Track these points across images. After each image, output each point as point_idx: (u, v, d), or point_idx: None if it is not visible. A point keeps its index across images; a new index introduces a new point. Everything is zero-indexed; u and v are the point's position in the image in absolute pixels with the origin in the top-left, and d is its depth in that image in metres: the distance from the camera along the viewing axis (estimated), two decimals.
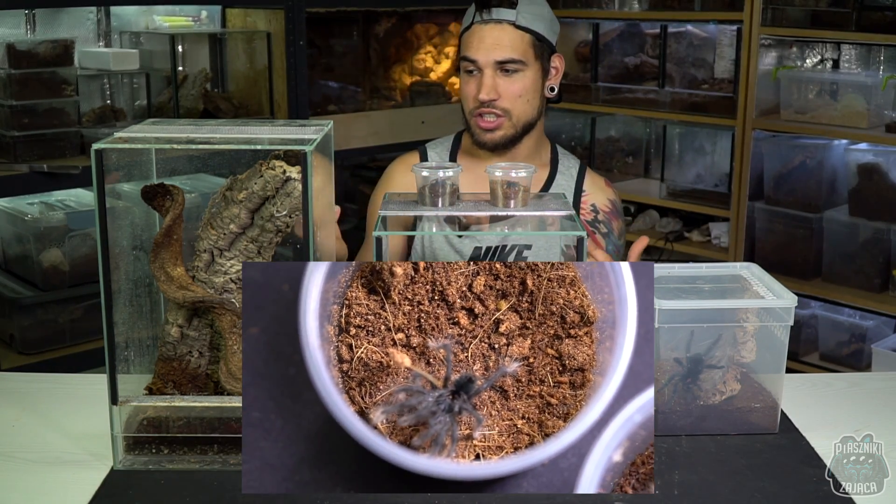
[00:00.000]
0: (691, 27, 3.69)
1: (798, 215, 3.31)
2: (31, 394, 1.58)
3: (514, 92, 1.89)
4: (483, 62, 1.88)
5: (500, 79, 1.88)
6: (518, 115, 1.91)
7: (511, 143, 1.94)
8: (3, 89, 2.77)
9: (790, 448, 1.40)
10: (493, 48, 1.87)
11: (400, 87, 3.89)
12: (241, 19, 3.42)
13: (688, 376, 1.42)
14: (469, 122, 1.94)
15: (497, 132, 1.91)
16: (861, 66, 3.41)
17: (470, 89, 1.91)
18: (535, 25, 1.90)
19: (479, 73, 1.89)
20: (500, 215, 1.44)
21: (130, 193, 1.37)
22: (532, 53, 1.90)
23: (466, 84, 1.92)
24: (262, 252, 1.33)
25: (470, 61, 1.90)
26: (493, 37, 1.88)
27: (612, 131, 4.05)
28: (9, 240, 2.91)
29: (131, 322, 1.37)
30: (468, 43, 1.91)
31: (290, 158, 1.28)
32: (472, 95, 1.90)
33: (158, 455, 1.33)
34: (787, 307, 1.39)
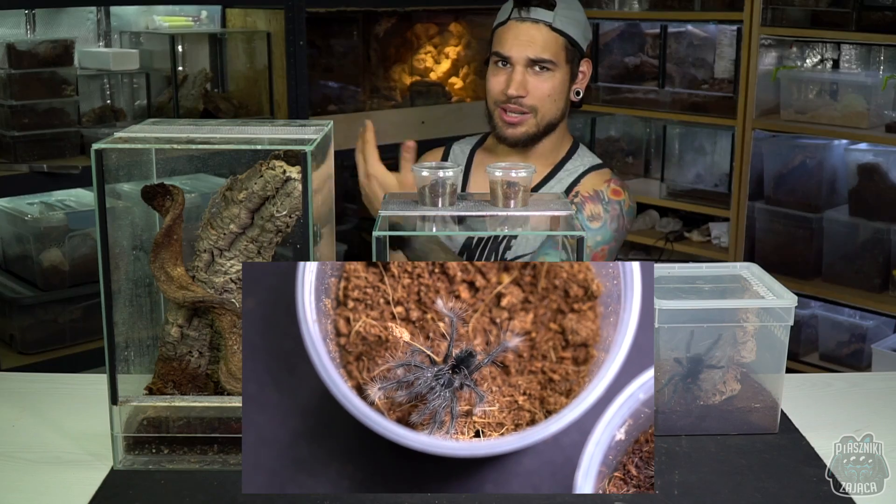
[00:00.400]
0: (691, 27, 3.69)
1: (798, 215, 3.31)
2: (31, 394, 1.58)
3: (543, 91, 1.91)
4: (516, 58, 1.90)
5: (531, 77, 1.90)
6: (543, 115, 1.93)
7: (532, 141, 1.95)
8: (3, 89, 2.77)
9: (790, 448, 1.40)
10: (527, 45, 1.89)
11: (400, 87, 3.89)
12: (241, 19, 3.42)
13: (688, 376, 1.42)
14: (492, 113, 1.96)
15: (520, 128, 1.93)
16: (861, 66, 3.41)
17: (498, 81, 1.93)
18: (569, 29, 1.92)
19: (510, 69, 1.91)
20: (500, 215, 1.44)
21: (130, 193, 1.37)
22: (564, 56, 1.92)
23: (494, 76, 1.94)
24: (262, 252, 1.33)
25: (502, 57, 1.92)
26: (528, 35, 1.89)
27: (612, 131, 4.05)
28: (9, 240, 2.91)
29: (131, 322, 1.37)
30: (502, 38, 1.92)
31: (290, 158, 1.28)
32: (500, 89, 1.92)
33: (158, 455, 1.33)
34: (787, 307, 1.39)
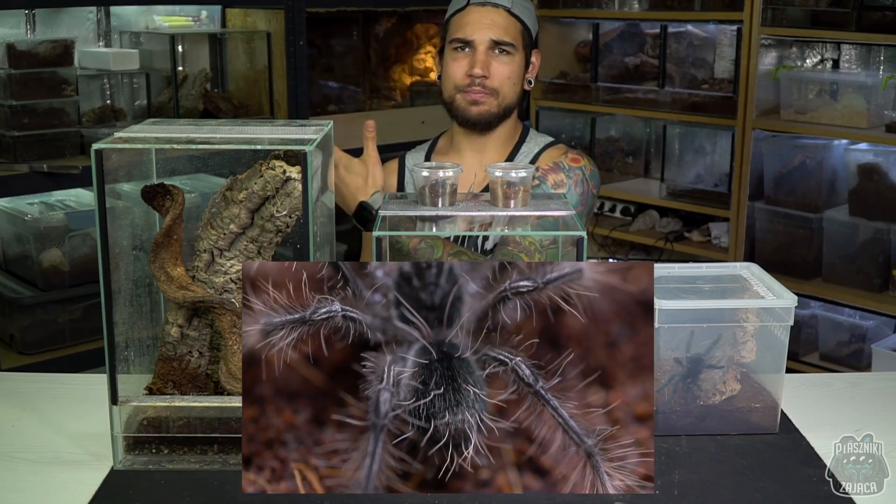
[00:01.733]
0: (691, 27, 3.69)
1: (798, 215, 3.31)
2: (31, 394, 1.58)
3: (504, 73, 1.93)
4: (479, 40, 1.91)
5: (493, 59, 1.92)
6: (503, 97, 1.94)
7: (494, 121, 1.96)
8: (3, 89, 2.77)
9: (790, 448, 1.40)
10: (489, 28, 1.91)
11: (400, 87, 3.89)
12: (241, 19, 3.42)
13: (688, 376, 1.42)
14: (454, 98, 1.95)
15: (482, 106, 1.93)
16: (861, 66, 3.41)
17: (459, 65, 1.93)
18: (524, 17, 1.96)
19: (472, 52, 1.92)
20: (500, 215, 1.44)
21: (130, 193, 1.37)
22: (521, 41, 1.95)
23: (454, 61, 1.94)
24: (262, 252, 1.33)
25: (464, 41, 1.92)
26: (489, 18, 1.92)
27: (612, 131, 4.05)
28: (9, 240, 2.91)
29: (131, 322, 1.37)
30: (461, 24, 1.93)
31: (290, 158, 1.28)
32: (462, 72, 1.93)
33: (158, 455, 1.33)
34: (787, 307, 1.39)
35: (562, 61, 4.03)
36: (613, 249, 3.94)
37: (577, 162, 2.00)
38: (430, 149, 2.10)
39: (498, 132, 1.99)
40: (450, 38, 1.96)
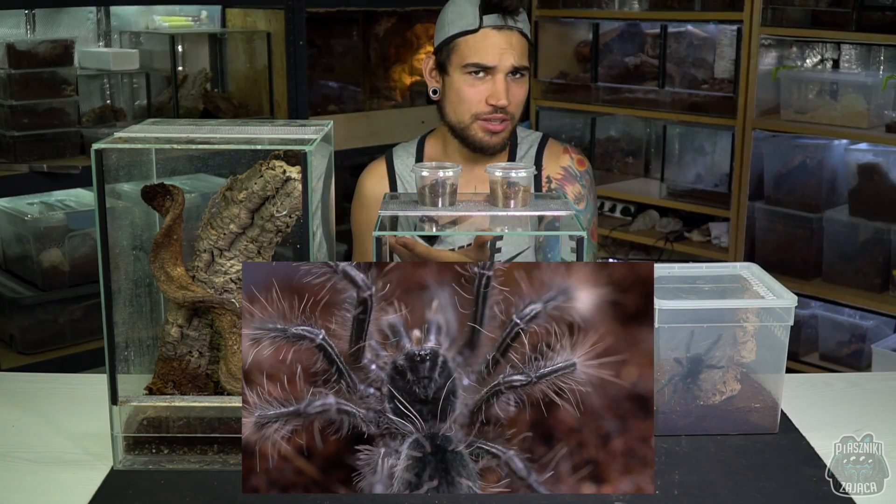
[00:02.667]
0: (691, 27, 3.69)
1: (798, 215, 3.31)
2: (31, 394, 1.58)
3: (521, 97, 1.92)
4: (501, 67, 1.87)
5: (511, 84, 1.89)
6: (515, 118, 1.94)
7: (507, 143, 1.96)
8: (3, 89, 2.77)
9: (790, 448, 1.40)
10: (510, 53, 1.87)
11: (400, 87, 3.89)
12: (241, 19, 3.42)
13: (688, 376, 1.42)
14: (469, 125, 1.91)
15: (502, 135, 1.92)
16: (861, 66, 3.41)
17: (478, 92, 1.88)
18: (528, 32, 1.93)
19: (490, 78, 1.88)
20: (500, 215, 1.45)
21: (130, 193, 1.37)
22: (528, 60, 1.93)
23: (471, 87, 1.88)
24: (262, 252, 1.33)
25: (482, 67, 1.87)
26: (508, 42, 1.87)
27: (612, 131, 4.05)
28: (9, 240, 2.91)
29: (131, 322, 1.37)
30: (477, 48, 1.87)
31: (290, 158, 1.28)
32: (481, 99, 1.88)
33: (158, 455, 1.33)
34: (787, 307, 1.39)
35: (562, 61, 4.03)
36: (613, 249, 3.94)
37: (583, 165, 2.02)
38: (418, 151, 2.05)
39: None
40: (464, 62, 1.88)
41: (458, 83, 1.90)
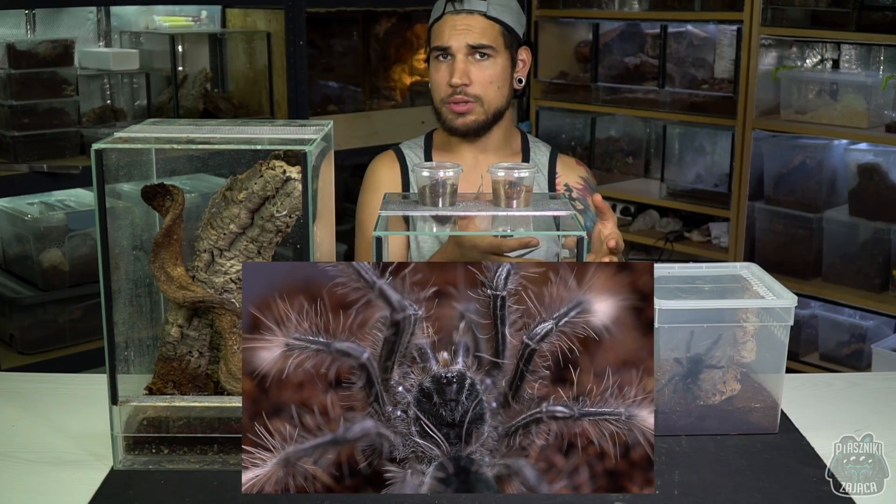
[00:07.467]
0: (691, 27, 3.69)
1: (798, 215, 3.31)
2: (31, 394, 1.58)
3: (486, 78, 1.92)
4: (455, 47, 1.91)
5: (472, 65, 1.91)
6: (489, 102, 1.93)
7: (482, 129, 1.96)
8: (3, 89, 2.77)
9: (790, 448, 1.40)
10: (464, 33, 1.90)
11: (400, 87, 3.89)
12: (241, 19, 3.42)
13: (688, 376, 1.42)
14: (440, 110, 1.96)
15: (468, 117, 1.93)
16: (861, 66, 3.41)
17: (441, 76, 1.93)
18: (503, 16, 1.94)
19: (451, 59, 1.92)
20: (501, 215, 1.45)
21: (130, 193, 1.37)
22: (502, 42, 1.94)
23: (437, 72, 1.94)
24: (262, 252, 1.33)
25: (441, 49, 1.92)
26: (464, 24, 1.91)
27: (612, 131, 4.05)
28: (9, 240, 2.91)
29: (131, 322, 1.37)
30: (439, 33, 1.94)
31: (290, 158, 1.28)
32: (444, 82, 1.93)
33: (158, 455, 1.33)
34: (787, 307, 1.39)
35: (562, 61, 4.03)
36: None
37: (594, 178, 2.09)
38: (426, 144, 2.08)
39: (492, 139, 1.99)
40: (430, 48, 1.96)
41: (430, 72, 1.97)
